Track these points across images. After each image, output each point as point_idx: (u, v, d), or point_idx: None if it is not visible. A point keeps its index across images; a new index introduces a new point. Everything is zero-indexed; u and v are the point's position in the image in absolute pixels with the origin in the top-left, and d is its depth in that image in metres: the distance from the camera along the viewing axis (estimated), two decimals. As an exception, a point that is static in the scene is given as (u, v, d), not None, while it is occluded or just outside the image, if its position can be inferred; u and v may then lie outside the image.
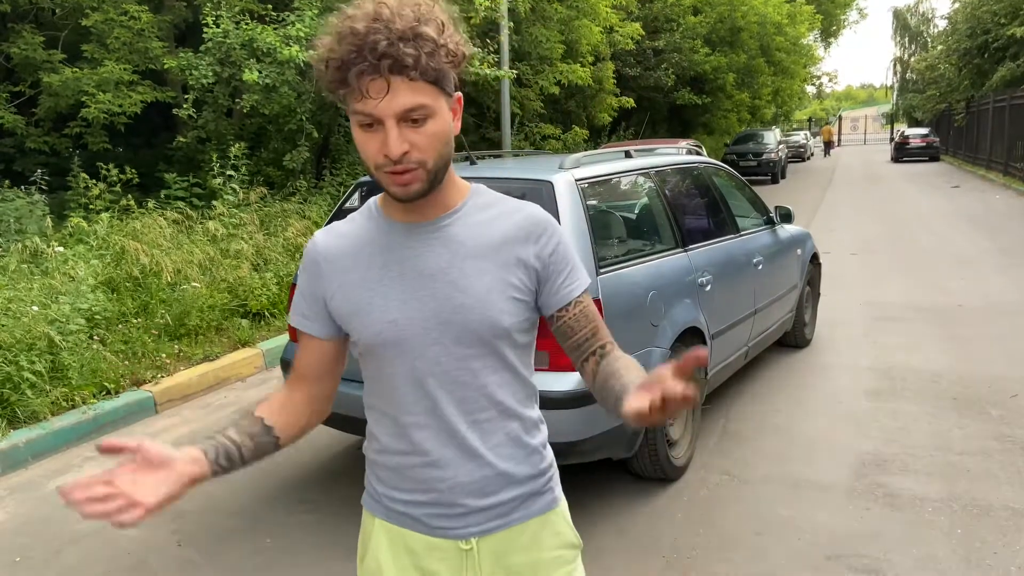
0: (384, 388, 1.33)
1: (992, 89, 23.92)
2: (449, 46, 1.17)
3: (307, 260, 1.37)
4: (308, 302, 1.37)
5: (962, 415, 4.48)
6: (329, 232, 1.38)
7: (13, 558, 3.35)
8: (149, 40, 9.56)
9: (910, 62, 51.55)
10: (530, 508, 1.37)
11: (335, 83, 1.16)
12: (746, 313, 4.62)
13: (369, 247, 1.32)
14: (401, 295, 1.28)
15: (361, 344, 1.32)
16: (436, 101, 1.18)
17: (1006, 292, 7.55)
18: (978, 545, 3.12)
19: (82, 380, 4.91)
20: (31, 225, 7.28)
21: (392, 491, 1.37)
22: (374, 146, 1.18)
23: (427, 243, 1.29)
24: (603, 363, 1.36)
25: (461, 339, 1.28)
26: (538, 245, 1.32)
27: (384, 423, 1.36)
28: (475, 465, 1.32)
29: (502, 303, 1.29)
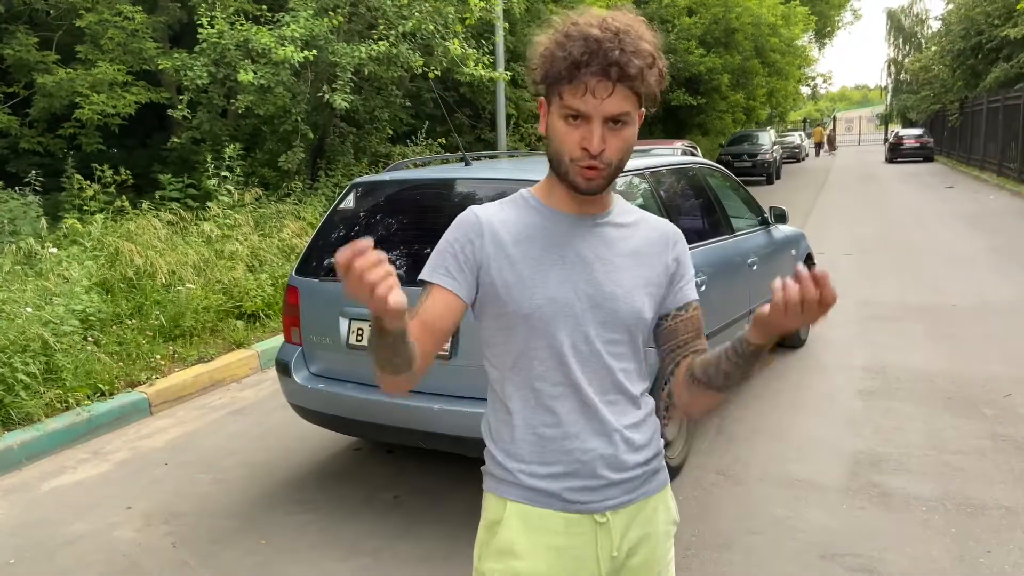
0: (530, 361, 1.40)
1: (986, 90, 24.00)
2: (660, 66, 1.31)
3: (466, 225, 1.42)
4: (459, 262, 1.40)
5: (956, 414, 4.50)
6: (488, 209, 1.45)
7: (7, 560, 3.34)
8: (143, 41, 9.55)
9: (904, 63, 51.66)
10: (651, 484, 1.48)
11: (557, 77, 1.28)
12: (741, 313, 4.63)
13: (532, 229, 1.41)
14: (561, 275, 1.38)
15: (517, 314, 1.38)
16: (635, 112, 1.32)
17: (1000, 292, 7.57)
18: (972, 544, 3.13)
19: (76, 382, 4.90)
20: (25, 226, 7.26)
21: (529, 465, 1.41)
22: (575, 138, 1.30)
23: (588, 235, 1.42)
24: (701, 356, 1.45)
25: (607, 323, 1.40)
26: (674, 251, 1.49)
27: (523, 394, 1.41)
28: (609, 440, 1.41)
29: (644, 297, 1.43)
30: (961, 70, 27.43)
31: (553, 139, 1.34)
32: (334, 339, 3.63)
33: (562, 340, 1.39)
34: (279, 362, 3.90)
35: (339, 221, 4.01)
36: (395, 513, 3.59)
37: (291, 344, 3.87)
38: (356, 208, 4.01)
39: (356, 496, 3.77)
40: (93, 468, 4.30)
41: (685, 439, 3.96)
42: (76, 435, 4.62)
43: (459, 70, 10.02)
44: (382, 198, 4.02)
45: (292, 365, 3.77)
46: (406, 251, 3.70)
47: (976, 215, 13.96)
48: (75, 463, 4.36)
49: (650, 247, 1.47)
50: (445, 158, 4.91)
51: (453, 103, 14.34)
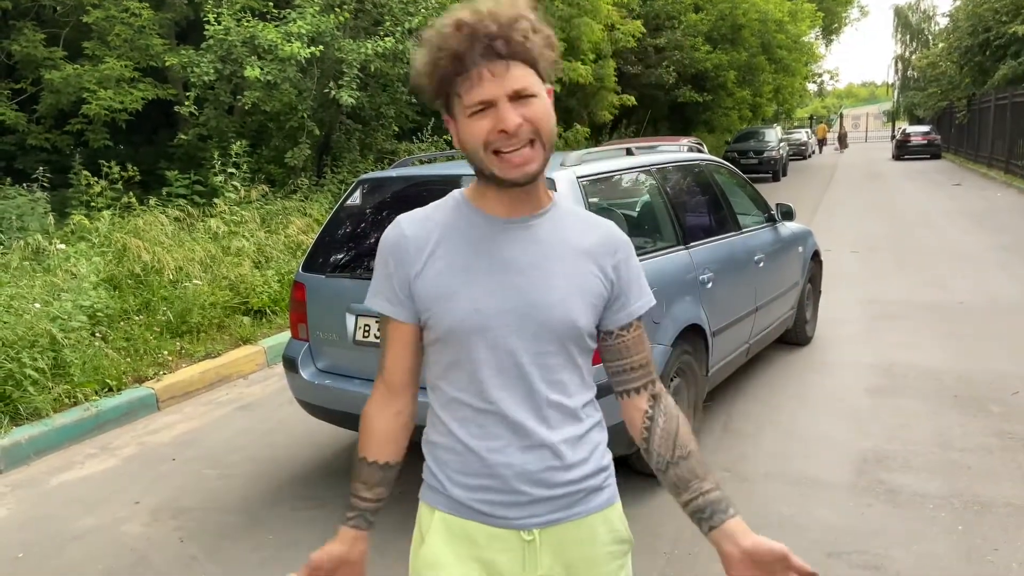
0: (458, 374, 1.35)
1: (994, 87, 23.89)
2: (545, 33, 1.28)
3: (392, 243, 1.37)
4: (396, 286, 1.37)
5: (963, 412, 4.49)
6: (413, 219, 1.38)
7: (16, 554, 3.36)
8: (150, 37, 9.57)
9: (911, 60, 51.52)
10: (590, 503, 1.40)
11: (446, 77, 1.24)
12: (747, 310, 4.63)
13: (458, 236, 1.34)
14: (488, 285, 1.31)
15: (442, 329, 1.33)
16: (538, 84, 1.27)
17: (1007, 289, 7.54)
18: (979, 542, 3.12)
19: (84, 377, 4.92)
20: (33, 222, 7.29)
21: (456, 475, 1.37)
22: (486, 126, 1.24)
23: (517, 239, 1.34)
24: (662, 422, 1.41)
25: (539, 334, 1.32)
26: (615, 258, 1.40)
27: (453, 407, 1.37)
28: (540, 455, 1.34)
29: (581, 306, 1.34)
30: (969, 67, 27.28)
31: (468, 141, 1.27)
32: (341, 335, 3.63)
33: (487, 354, 1.32)
34: (286, 358, 3.91)
35: (345, 217, 4.02)
36: (399, 508, 3.58)
37: (298, 340, 3.88)
38: (362, 204, 4.01)
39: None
40: (101, 463, 4.32)
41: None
42: (84, 430, 4.64)
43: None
44: (388, 194, 4.02)
45: (299, 361, 3.78)
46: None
47: (984, 213, 13.91)
48: (83, 458, 4.39)
49: (589, 251, 1.38)
50: (451, 154, 4.90)
51: (459, 100, 14.30)
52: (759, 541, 1.31)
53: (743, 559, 1.31)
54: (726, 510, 1.35)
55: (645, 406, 1.43)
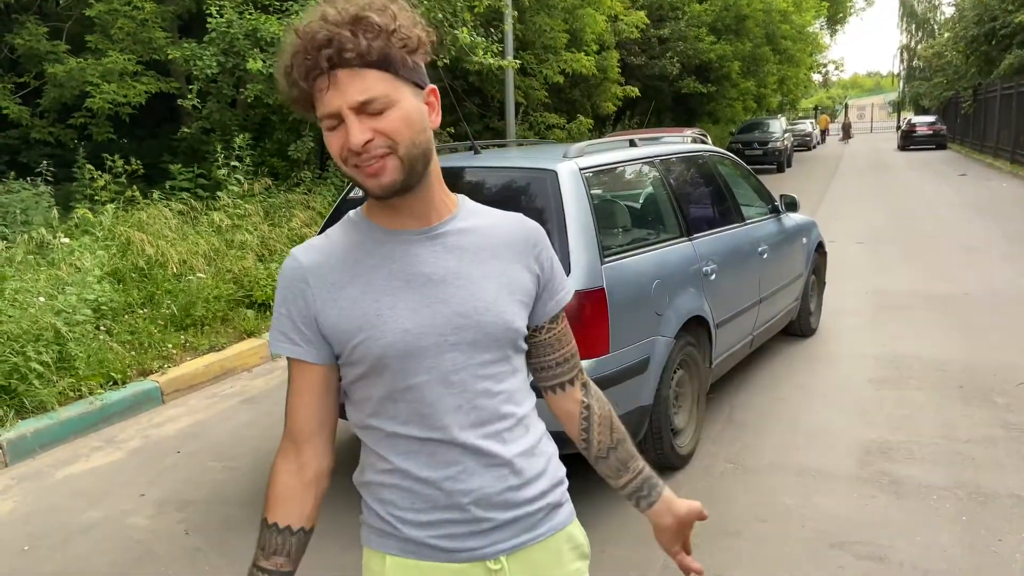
0: (396, 407, 1.23)
1: (1000, 76, 23.76)
2: (400, 31, 1.13)
3: (290, 279, 1.24)
4: (298, 325, 1.23)
5: (968, 403, 4.48)
6: (310, 248, 1.26)
7: (21, 547, 3.37)
8: (153, 30, 9.54)
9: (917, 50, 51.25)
10: (554, 520, 1.32)
11: (297, 97, 1.15)
12: (751, 302, 4.62)
13: (365, 258, 1.23)
14: (411, 303, 1.21)
15: (369, 359, 1.20)
16: (396, 91, 1.13)
17: (1013, 280, 7.52)
18: (983, 532, 3.12)
19: (89, 370, 4.94)
20: (37, 216, 7.30)
21: (406, 514, 1.25)
22: (338, 142, 1.14)
23: (429, 249, 1.24)
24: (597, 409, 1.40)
25: (478, 344, 1.23)
26: (537, 250, 1.33)
27: (393, 443, 1.25)
28: (498, 475, 1.25)
29: (513, 306, 1.27)
30: (974, 57, 27.15)
31: (331, 154, 1.18)
32: (344, 328, 3.63)
33: (426, 377, 1.21)
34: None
35: (349, 210, 4.00)
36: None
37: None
38: (365, 197, 4.00)
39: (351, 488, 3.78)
40: (106, 456, 4.33)
41: (695, 427, 3.96)
42: (89, 423, 4.65)
43: (468, 58, 9.99)
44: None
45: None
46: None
47: (989, 203, 13.85)
48: (88, 451, 4.40)
49: (509, 248, 1.29)
50: (454, 147, 4.89)
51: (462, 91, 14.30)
52: (688, 507, 1.44)
53: (675, 525, 1.44)
54: (657, 483, 1.42)
55: (580, 395, 1.40)
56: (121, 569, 3.16)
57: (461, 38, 9.55)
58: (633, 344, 3.40)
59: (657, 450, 3.63)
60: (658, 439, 3.60)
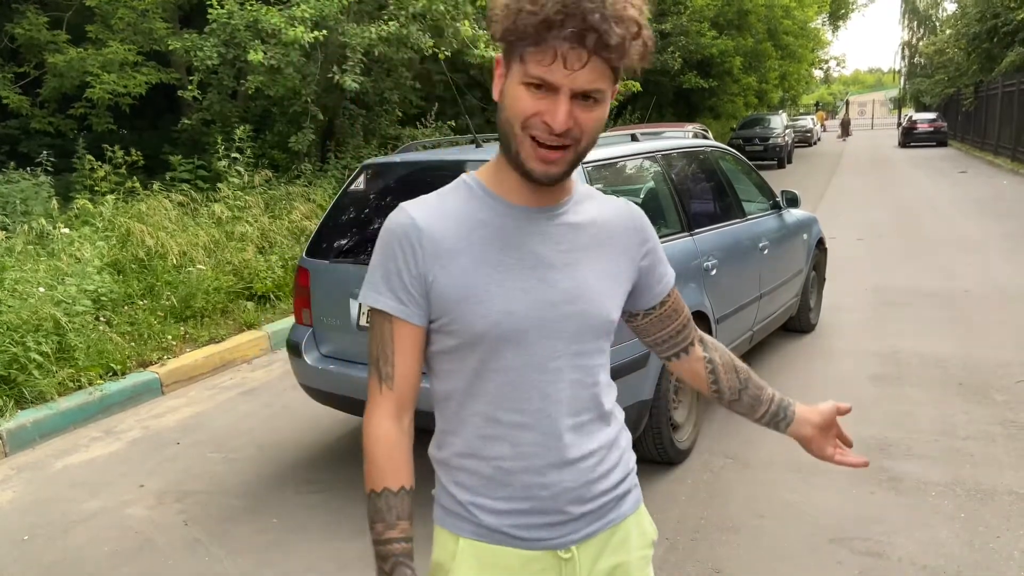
0: (485, 385, 1.20)
1: (1001, 74, 23.73)
2: (645, 37, 1.10)
3: (401, 236, 1.19)
4: (407, 284, 1.18)
5: (967, 400, 4.48)
6: (423, 207, 1.21)
7: (21, 537, 3.38)
8: (153, 21, 9.52)
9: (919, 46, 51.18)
10: (622, 508, 1.32)
11: (521, 35, 1.06)
12: (751, 297, 4.62)
13: (480, 228, 1.19)
14: (521, 283, 1.18)
15: (468, 333, 1.17)
16: (608, 90, 1.11)
17: (1013, 277, 7.52)
18: (982, 529, 3.12)
19: (88, 361, 4.94)
20: (37, 207, 7.29)
21: (483, 500, 1.23)
22: (533, 107, 1.08)
23: (545, 230, 1.20)
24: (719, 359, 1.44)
25: (579, 333, 1.21)
26: (641, 238, 1.33)
27: (476, 423, 1.22)
28: (577, 470, 1.23)
29: (615, 299, 1.27)
30: (976, 54, 27.10)
31: (507, 107, 1.12)
32: (344, 320, 3.64)
33: (524, 360, 1.18)
34: (290, 343, 3.91)
35: (349, 203, 4.01)
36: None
37: (302, 325, 3.88)
38: (367, 190, 4.01)
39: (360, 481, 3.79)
40: (105, 447, 4.34)
41: (694, 422, 3.97)
42: (89, 414, 4.66)
43: (469, 52, 9.97)
44: (392, 180, 4.01)
45: (303, 346, 3.79)
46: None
47: (990, 200, 13.85)
48: (88, 441, 4.41)
49: (616, 238, 1.28)
50: (455, 140, 4.89)
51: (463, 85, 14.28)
52: (821, 412, 1.48)
53: (816, 435, 1.50)
54: (788, 404, 1.47)
55: (701, 353, 1.43)
56: (120, 559, 3.17)
57: (463, 31, 9.53)
58: (634, 338, 3.40)
59: (656, 445, 3.63)
60: (657, 434, 3.60)
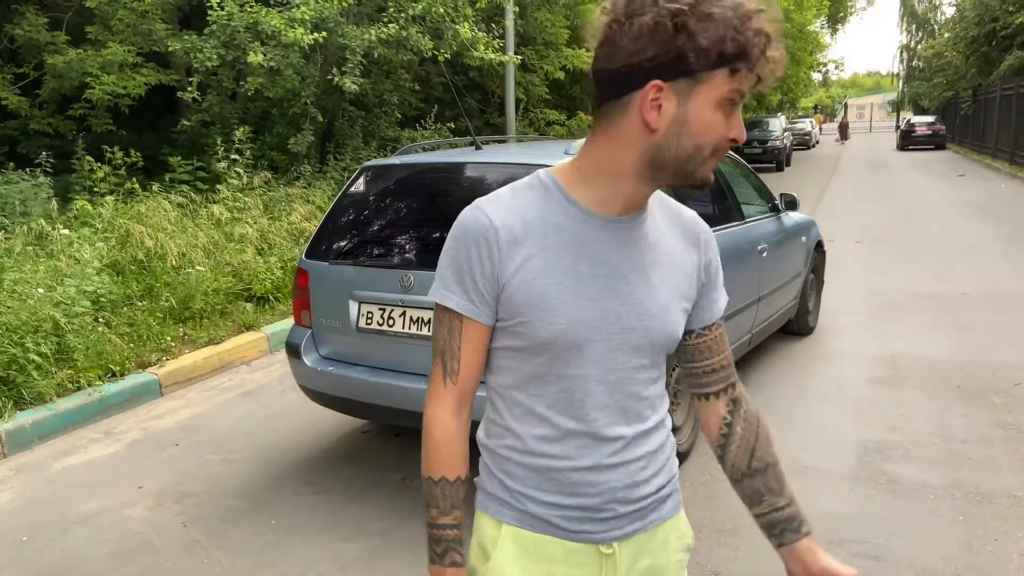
0: (543, 388, 1.21)
1: (999, 77, 23.78)
2: None
3: (478, 234, 1.16)
4: (481, 283, 1.17)
5: (965, 403, 4.49)
6: (498, 204, 1.19)
7: (20, 537, 3.37)
8: (153, 22, 9.53)
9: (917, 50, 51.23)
10: (662, 511, 1.32)
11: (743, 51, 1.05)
12: (750, 300, 4.62)
13: (555, 232, 1.17)
14: (591, 293, 1.17)
15: (534, 338, 1.17)
16: None
17: (1011, 280, 7.53)
18: (980, 532, 3.13)
19: (87, 362, 4.93)
20: (36, 208, 7.29)
21: (531, 491, 1.24)
22: (725, 128, 1.10)
23: (619, 240, 1.19)
24: (740, 431, 1.35)
25: (641, 348, 1.21)
26: (707, 255, 1.30)
27: (532, 422, 1.23)
28: (626, 471, 1.24)
29: (679, 315, 1.25)
30: (975, 57, 27.16)
31: (696, 134, 1.09)
32: (343, 322, 3.64)
33: (586, 370, 1.19)
34: (289, 344, 3.91)
35: (349, 205, 4.01)
36: (403, 495, 3.62)
37: (301, 327, 3.88)
38: (366, 192, 4.01)
39: (364, 478, 3.80)
40: (104, 448, 4.33)
41: (693, 425, 3.97)
42: (87, 415, 4.65)
43: (469, 54, 9.98)
44: (392, 182, 4.02)
45: (302, 348, 3.79)
46: (416, 235, 3.71)
47: (987, 203, 13.87)
48: (87, 443, 4.40)
49: (683, 252, 1.27)
50: (454, 142, 4.89)
51: (462, 87, 14.29)
52: (827, 565, 1.29)
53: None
54: (798, 529, 1.33)
55: (724, 412, 1.35)
56: (119, 560, 3.16)
57: (462, 33, 9.54)
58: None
59: (655, 447, 3.63)
60: (656, 436, 3.60)
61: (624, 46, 1.07)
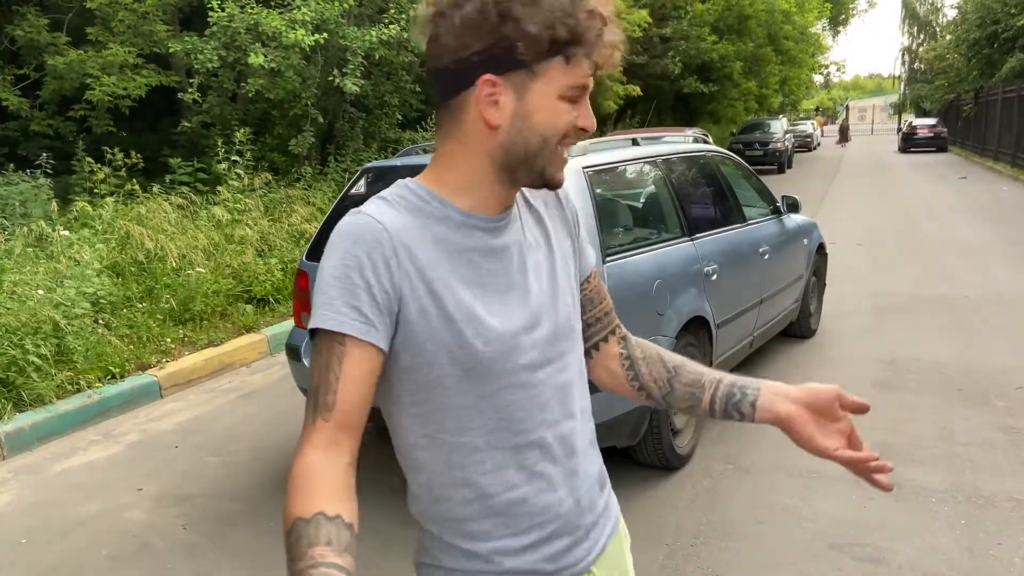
0: (481, 414, 1.08)
1: (1001, 80, 23.76)
2: None
3: (371, 243, 1.01)
4: (377, 300, 1.01)
5: (967, 406, 4.47)
6: (386, 211, 1.05)
7: (19, 540, 3.37)
8: (154, 23, 9.53)
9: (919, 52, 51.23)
10: (613, 514, 1.26)
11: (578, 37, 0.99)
12: (752, 303, 4.61)
13: (444, 240, 1.06)
14: (498, 297, 1.07)
15: (448, 363, 1.04)
16: None
17: (1013, 283, 7.52)
18: (982, 535, 3.11)
19: (87, 364, 4.93)
20: (36, 209, 7.29)
21: (504, 543, 1.11)
22: (571, 116, 1.03)
23: (507, 239, 1.11)
24: (640, 353, 1.28)
25: (556, 336, 1.13)
26: (570, 208, 1.25)
27: (475, 460, 1.09)
28: (581, 478, 1.16)
29: (575, 288, 1.20)
30: (976, 59, 27.14)
31: (539, 125, 1.01)
32: (344, 324, 3.62)
33: (514, 379, 1.08)
34: (289, 346, 3.90)
35: (350, 206, 3.99)
36: (401, 497, 3.58)
37: (301, 329, 3.88)
38: (367, 193, 4.00)
39: (362, 480, 3.75)
40: (104, 450, 4.33)
41: (695, 428, 3.96)
42: (87, 417, 4.64)
43: None
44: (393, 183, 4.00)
45: (302, 349, 3.78)
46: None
47: (989, 206, 13.85)
48: (86, 445, 4.39)
49: (559, 222, 1.21)
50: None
51: (463, 89, 14.25)
52: (812, 389, 1.17)
53: (802, 414, 1.16)
54: (752, 381, 1.21)
55: (617, 349, 1.29)
56: (118, 562, 3.15)
57: (463, 35, 9.51)
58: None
59: (656, 450, 3.62)
60: (657, 439, 3.59)
61: (449, 42, 0.99)
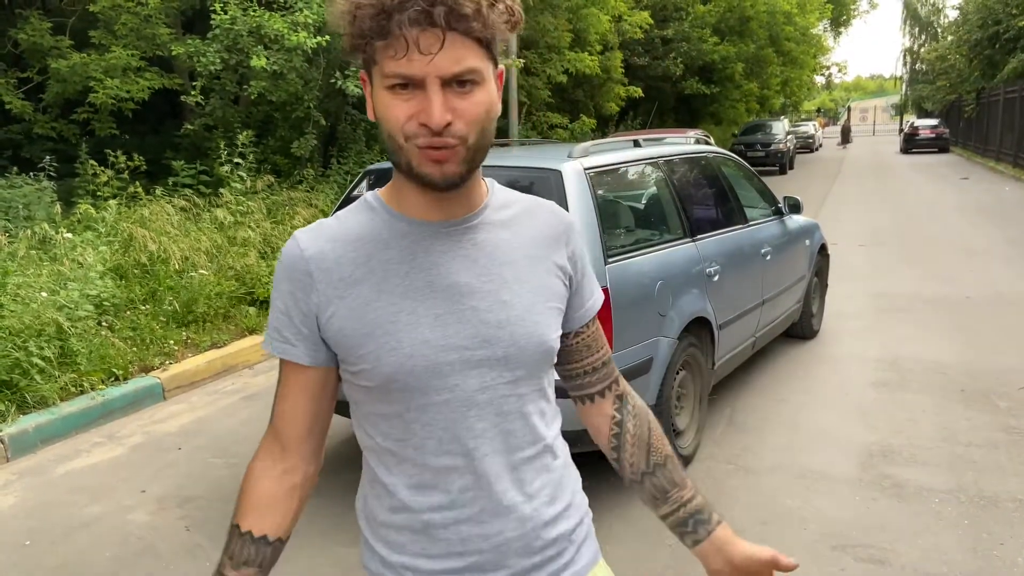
0: (409, 427, 1.06)
1: (1003, 80, 23.74)
2: (508, 3, 0.96)
3: (289, 268, 1.06)
4: (295, 321, 1.06)
5: (969, 406, 4.47)
6: (318, 232, 1.07)
7: (23, 541, 3.37)
8: (156, 26, 9.55)
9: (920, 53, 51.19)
10: (580, 562, 1.16)
11: (366, 34, 0.94)
12: (754, 303, 4.61)
13: (381, 251, 1.05)
14: (434, 310, 1.04)
15: (380, 372, 1.03)
16: (485, 69, 0.97)
17: (1015, 283, 7.51)
18: (985, 536, 3.11)
19: (90, 366, 4.94)
20: (39, 211, 7.30)
21: (416, 560, 1.09)
22: (406, 111, 0.95)
23: (458, 246, 1.06)
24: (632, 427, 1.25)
25: (509, 360, 1.06)
26: (570, 247, 1.17)
27: (403, 470, 1.08)
28: (521, 515, 1.09)
29: (547, 316, 1.10)
30: (978, 60, 27.13)
31: (382, 119, 0.97)
32: (346, 326, 3.63)
33: (448, 396, 1.04)
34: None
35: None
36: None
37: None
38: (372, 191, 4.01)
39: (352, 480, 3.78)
40: (107, 452, 4.33)
41: (696, 429, 3.96)
42: (90, 419, 4.65)
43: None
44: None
45: (304, 351, 3.78)
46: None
47: (991, 206, 13.84)
48: (89, 447, 4.40)
49: (542, 246, 1.13)
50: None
51: (465, 91, 14.27)
52: (748, 553, 1.21)
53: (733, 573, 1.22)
54: (709, 519, 1.23)
55: (611, 410, 1.25)
56: (122, 565, 3.16)
57: (465, 37, 9.53)
58: (636, 344, 3.40)
59: (659, 451, 3.62)
60: (660, 440, 3.59)
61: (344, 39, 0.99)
